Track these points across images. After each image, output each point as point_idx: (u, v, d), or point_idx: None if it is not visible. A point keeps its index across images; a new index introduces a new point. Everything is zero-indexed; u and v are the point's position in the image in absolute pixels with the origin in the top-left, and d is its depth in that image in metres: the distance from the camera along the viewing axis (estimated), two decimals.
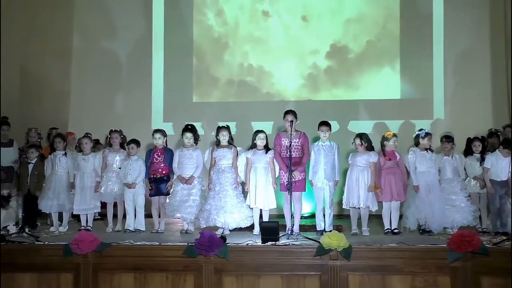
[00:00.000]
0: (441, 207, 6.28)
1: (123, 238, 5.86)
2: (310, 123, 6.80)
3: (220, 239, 5.32)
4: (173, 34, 9.54)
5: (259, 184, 6.34)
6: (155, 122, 9.28)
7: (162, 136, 6.72)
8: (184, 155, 6.56)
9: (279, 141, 6.43)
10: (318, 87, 9.07)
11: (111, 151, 6.86)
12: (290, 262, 5.31)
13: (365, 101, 9.13)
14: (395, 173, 6.38)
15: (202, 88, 9.33)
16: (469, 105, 8.87)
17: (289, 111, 6.41)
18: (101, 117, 9.21)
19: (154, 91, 9.52)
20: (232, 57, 9.22)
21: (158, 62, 9.56)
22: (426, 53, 9.04)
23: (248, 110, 9.15)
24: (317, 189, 6.45)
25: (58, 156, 6.82)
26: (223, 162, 6.45)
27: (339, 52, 9.06)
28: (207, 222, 6.28)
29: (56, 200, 6.68)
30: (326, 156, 6.39)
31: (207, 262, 5.32)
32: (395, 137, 6.48)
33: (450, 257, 5.12)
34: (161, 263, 5.37)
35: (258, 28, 9.21)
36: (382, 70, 9.09)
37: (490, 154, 6.56)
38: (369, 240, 5.80)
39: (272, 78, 9.13)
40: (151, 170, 6.64)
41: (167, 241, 5.81)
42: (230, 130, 6.61)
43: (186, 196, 6.43)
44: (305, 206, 6.85)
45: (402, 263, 5.22)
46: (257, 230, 6.26)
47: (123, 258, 5.43)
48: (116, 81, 9.58)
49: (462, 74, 9.00)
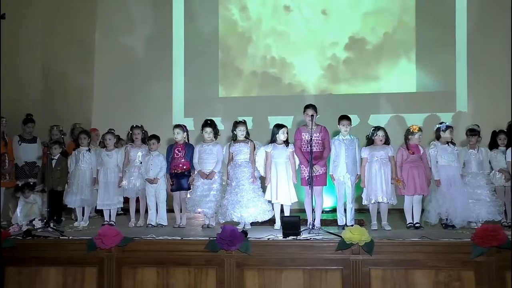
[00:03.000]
0: (464, 201, 6.19)
1: (146, 233, 5.90)
2: (330, 117, 6.77)
3: (241, 233, 5.33)
4: (194, 29, 9.62)
5: (280, 179, 6.33)
6: (176, 117, 9.37)
7: (182, 131, 6.75)
8: (204, 150, 6.58)
9: (300, 135, 6.41)
10: (337, 77, 9.29)
11: (133, 147, 6.93)
12: (311, 256, 5.30)
13: (386, 94, 9.11)
14: (418, 167, 6.30)
15: (227, 80, 9.58)
16: (494, 97, 8.69)
17: (310, 106, 6.38)
18: (123, 112, 9.29)
19: (175, 87, 9.61)
20: (255, 50, 9.50)
21: (178, 58, 9.64)
22: (447, 45, 8.95)
23: (269, 105, 9.22)
24: (338, 183, 6.41)
25: (82, 152, 6.90)
26: (240, 157, 6.45)
27: (357, 44, 9.25)
28: (225, 217, 6.30)
29: (79, 195, 6.77)
30: (347, 150, 6.35)
31: (229, 257, 5.33)
32: (420, 131, 6.38)
33: (474, 252, 5.05)
34: (183, 258, 5.41)
35: (280, 22, 9.47)
36: (400, 62, 9.14)
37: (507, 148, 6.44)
38: (391, 235, 5.76)
39: (293, 69, 9.38)
40: (172, 165, 6.68)
41: (189, 235, 5.82)
42: (247, 125, 6.61)
43: (207, 191, 6.46)
44: (326, 200, 6.83)
45: (425, 258, 5.17)
46: (279, 224, 6.26)
47: (146, 253, 5.49)
48: (137, 76, 9.65)
49: (486, 66, 8.83)
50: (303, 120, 6.61)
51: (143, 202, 6.87)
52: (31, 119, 7.56)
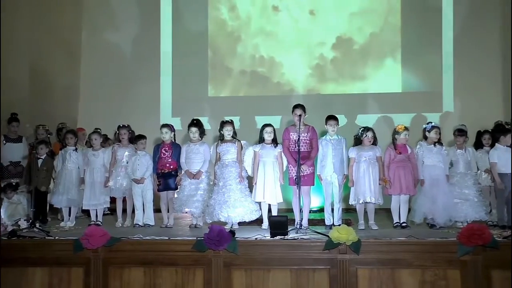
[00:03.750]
0: (447, 201, 6.24)
1: (133, 233, 5.88)
2: (319, 117, 6.80)
3: (229, 233, 5.33)
4: (182, 28, 9.66)
5: (268, 179, 6.35)
6: (164, 116, 9.37)
7: (170, 131, 6.74)
8: (191, 150, 6.58)
9: (288, 135, 6.43)
10: (325, 77, 9.44)
11: (120, 146, 6.90)
12: (299, 256, 5.32)
13: (373, 94, 9.21)
14: (405, 166, 6.35)
15: (216, 79, 9.66)
16: (479, 97, 8.81)
17: (298, 105, 6.41)
18: (110, 112, 9.27)
19: (162, 86, 9.61)
20: (244, 49, 9.63)
21: (166, 57, 9.63)
22: (433, 46, 9.09)
23: (257, 105, 9.30)
24: (325, 183, 6.44)
25: (69, 152, 6.86)
26: (227, 157, 6.47)
27: (344, 44, 9.40)
28: (212, 217, 6.31)
29: (66, 195, 6.73)
30: (335, 150, 6.38)
31: (216, 257, 5.34)
32: (406, 130, 6.43)
33: (460, 251, 5.10)
34: (171, 258, 5.40)
35: (269, 22, 9.59)
36: (386, 62, 9.28)
37: (493, 148, 6.52)
38: (378, 234, 5.79)
39: (282, 68, 9.53)
40: (159, 165, 6.67)
41: (176, 235, 5.82)
42: (234, 124, 6.62)
43: (194, 191, 6.46)
44: (313, 200, 6.85)
45: (411, 257, 5.21)
46: (266, 224, 6.28)
47: (133, 253, 5.47)
48: (124, 75, 9.62)
49: (472, 67, 8.94)
50: (291, 120, 6.64)
51: (130, 202, 6.85)
52: (15, 118, 7.48)
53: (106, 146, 7.29)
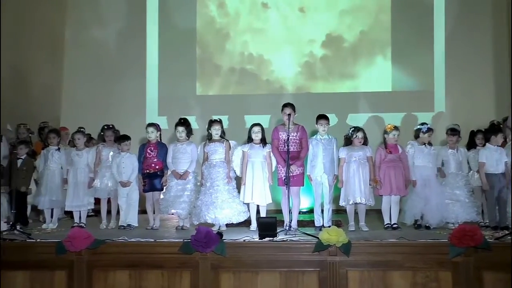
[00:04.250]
0: (439, 202, 6.31)
1: (118, 235, 5.86)
2: (309, 117, 6.83)
3: (216, 235, 5.33)
4: (169, 24, 9.66)
5: (257, 179, 6.37)
6: (150, 115, 9.36)
7: (155, 130, 6.73)
8: (178, 149, 6.58)
9: (277, 135, 6.45)
10: (314, 74, 9.52)
11: (105, 146, 6.88)
12: (288, 258, 5.33)
13: (364, 93, 9.26)
14: (395, 167, 6.40)
15: (205, 77, 9.69)
16: (471, 97, 8.90)
17: (287, 104, 6.42)
18: (94, 110, 9.23)
19: (148, 84, 9.59)
20: (233, 46, 9.67)
21: (152, 54, 9.61)
22: (424, 45, 9.17)
23: (246, 103, 9.33)
24: (315, 184, 6.47)
25: (51, 152, 6.83)
26: (215, 157, 6.47)
27: (334, 42, 9.49)
28: (199, 218, 6.31)
29: (48, 196, 6.69)
30: (325, 150, 6.41)
31: (203, 259, 5.33)
32: (395, 130, 6.47)
33: (451, 252, 5.15)
34: (157, 260, 5.39)
35: (258, 19, 9.63)
36: (376, 60, 9.36)
37: (482, 148, 6.59)
38: (368, 236, 5.82)
39: (271, 66, 9.58)
40: (144, 165, 6.65)
41: (162, 237, 5.80)
42: (222, 124, 6.63)
43: (181, 192, 6.46)
44: (303, 201, 6.88)
45: (402, 259, 5.24)
46: (255, 226, 6.29)
47: (118, 255, 5.44)
48: (109, 73, 9.59)
49: (464, 66, 9.03)
50: (280, 119, 6.66)
51: (114, 203, 6.83)
52: None
53: (90, 145, 7.26)
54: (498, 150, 6.43)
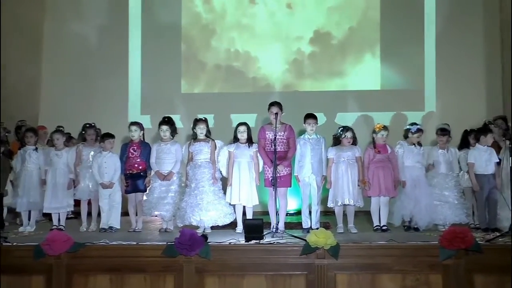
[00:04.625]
0: (429, 203, 6.35)
1: (98, 237, 5.81)
2: (296, 115, 6.82)
3: (201, 238, 5.31)
4: (153, 19, 9.59)
5: (243, 180, 6.37)
6: (132, 114, 9.28)
7: (139, 129, 6.69)
8: (162, 149, 6.55)
9: (264, 134, 6.44)
10: (302, 72, 9.53)
11: (86, 146, 6.82)
12: (275, 261, 5.32)
13: (353, 92, 9.27)
14: (384, 167, 6.42)
15: (190, 74, 9.65)
16: (462, 97, 8.97)
17: (274, 103, 6.42)
18: (74, 109, 9.14)
19: (130, 82, 9.52)
20: (219, 43, 9.64)
21: (135, 50, 9.53)
22: (414, 43, 9.21)
23: (232, 102, 9.31)
24: (303, 185, 6.47)
25: (29, 151, 6.75)
26: (200, 157, 6.45)
27: (322, 39, 9.49)
28: (183, 220, 6.29)
29: (26, 198, 6.61)
30: (313, 149, 6.41)
31: (188, 262, 5.30)
32: (384, 130, 6.49)
33: (442, 255, 5.17)
34: (139, 264, 5.35)
35: (245, 15, 9.60)
36: (365, 58, 9.38)
37: (471, 148, 6.62)
38: (357, 238, 5.84)
39: (258, 63, 9.57)
40: (127, 165, 6.61)
41: (145, 240, 5.78)
42: (207, 123, 6.61)
43: (165, 193, 6.44)
44: (290, 202, 6.88)
45: (392, 261, 5.26)
46: (241, 228, 6.29)
47: (99, 259, 5.40)
48: (90, 69, 9.48)
49: (455, 64, 9.09)
50: (267, 118, 6.65)
51: (95, 205, 6.78)
52: None
53: (70, 145, 7.18)
54: (487, 151, 6.47)
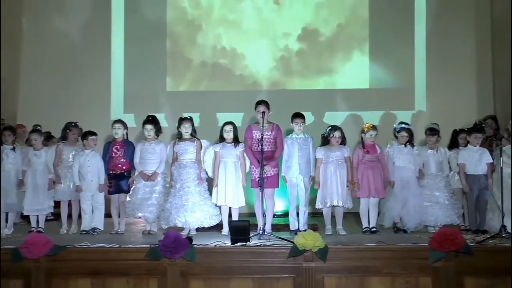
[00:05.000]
0: (418, 204, 6.38)
1: (79, 240, 5.77)
2: (284, 114, 6.83)
3: (186, 240, 5.30)
4: (137, 15, 9.54)
5: (229, 180, 6.36)
6: (115, 112, 9.20)
7: (123, 127, 6.66)
8: (146, 149, 6.52)
9: (250, 133, 6.44)
10: (290, 69, 9.54)
11: (66, 145, 6.76)
12: (262, 264, 5.32)
13: (341, 90, 9.30)
14: (374, 167, 6.45)
15: (175, 71, 9.62)
16: (453, 96, 9.03)
17: (261, 102, 6.42)
18: (54, 107, 9.06)
19: (113, 79, 9.45)
20: (205, 39, 9.62)
21: (118, 46, 9.47)
22: (404, 41, 9.27)
23: (218, 100, 9.29)
24: (290, 185, 6.48)
25: (6, 151, 6.68)
26: (185, 157, 6.43)
27: (310, 36, 9.51)
28: (168, 222, 6.28)
29: (3, 199, 6.54)
30: (301, 149, 6.42)
31: (172, 265, 5.29)
32: (372, 130, 6.51)
33: (432, 257, 5.21)
34: (122, 267, 5.33)
35: (231, 11, 9.59)
36: (354, 56, 9.41)
37: (462, 149, 6.67)
38: (346, 240, 5.87)
39: (244, 60, 9.57)
40: (110, 165, 6.57)
41: (128, 242, 5.76)
42: (193, 121, 6.59)
43: (148, 194, 6.42)
44: (277, 203, 6.88)
45: (381, 264, 5.29)
46: (226, 230, 6.28)
47: (80, 262, 5.37)
48: (71, 66, 9.40)
49: (446, 63, 9.15)
50: (254, 117, 6.65)
51: (75, 206, 6.73)
52: None
53: (50, 144, 7.12)
54: (478, 151, 6.52)
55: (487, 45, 9.12)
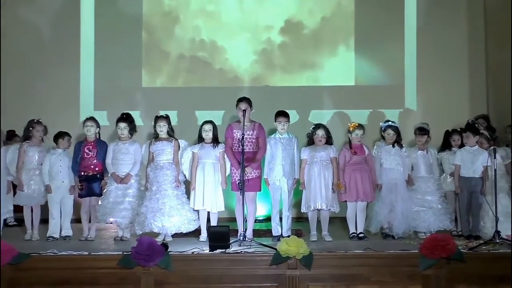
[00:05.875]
0: (406, 209, 6.42)
1: (45, 247, 5.73)
2: (267, 113, 6.83)
3: (161, 246, 5.29)
4: (109, 5, 9.41)
5: (207, 183, 6.36)
6: (84, 110, 9.12)
7: (95, 125, 6.63)
8: (119, 149, 6.50)
9: (231, 133, 6.43)
10: (272, 63, 9.54)
11: (31, 145, 6.66)
12: (242, 272, 5.32)
13: (327, 87, 9.33)
14: (362, 169, 6.48)
15: (151, 65, 9.57)
16: (445, 94, 9.10)
17: (243, 99, 6.42)
18: (17, 103, 8.93)
19: (82, 74, 9.35)
20: (183, 31, 9.58)
21: (87, 39, 9.37)
22: (394, 35, 9.30)
23: (197, 97, 9.26)
24: (273, 188, 6.48)
25: None
26: (161, 158, 6.42)
27: (294, 28, 9.52)
28: (143, 227, 6.27)
29: None
30: (285, 150, 6.43)
31: (146, 274, 5.27)
32: (358, 129, 6.54)
33: (422, 264, 5.24)
34: (92, 276, 5.30)
35: (211, 2, 9.57)
36: (340, 51, 9.44)
37: (457, 149, 6.72)
38: (332, 246, 5.89)
39: (225, 53, 9.55)
40: (82, 166, 6.54)
41: (98, 249, 5.75)
42: (169, 120, 6.58)
43: (121, 198, 6.39)
44: (259, 208, 6.88)
45: (369, 272, 5.31)
46: (205, 236, 6.28)
47: (46, 271, 5.32)
48: (37, 60, 9.27)
49: (438, 59, 9.21)
50: (235, 115, 6.64)
51: (37, 211, 6.65)
52: None
53: (13, 143, 7.02)
54: (474, 152, 6.55)
55: (480, 41, 9.21)
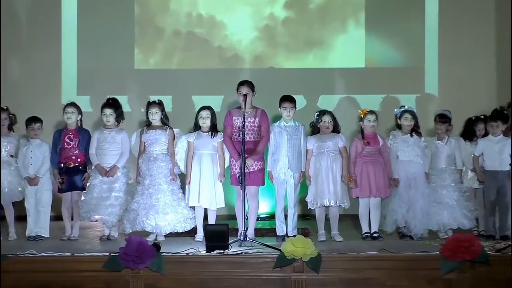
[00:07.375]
0: (426, 206, 6.42)
1: (24, 248, 5.76)
2: (271, 98, 6.82)
3: (152, 247, 5.30)
4: None
5: (205, 176, 6.37)
6: (66, 94, 9.10)
7: (76, 111, 6.63)
8: (104, 138, 6.51)
9: (231, 120, 6.43)
10: (275, 40, 9.53)
11: None
12: (243, 276, 5.34)
13: (340, 70, 9.28)
14: (375, 162, 6.47)
15: (144, 43, 9.54)
16: (470, 79, 9.04)
17: (244, 82, 6.42)
18: None
19: (64, 54, 9.30)
20: (179, 5, 9.56)
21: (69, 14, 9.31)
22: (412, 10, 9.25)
23: (193, 80, 9.22)
24: (277, 183, 6.48)
25: None
26: (155, 148, 6.43)
27: (299, 2, 9.52)
28: (134, 225, 6.28)
29: None
30: (290, 140, 6.42)
31: (135, 277, 5.29)
32: (370, 114, 6.53)
33: (443, 268, 5.25)
34: (75, 280, 5.32)
35: None
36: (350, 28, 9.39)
37: (481, 139, 6.70)
38: (342, 247, 5.90)
39: (224, 29, 9.54)
40: (62, 157, 6.55)
41: (82, 250, 5.76)
42: (163, 106, 6.57)
43: (107, 192, 6.40)
44: (262, 204, 6.90)
45: (384, 276, 5.32)
46: (201, 235, 6.31)
47: (24, 274, 5.35)
48: (11, 40, 9.23)
49: (463, 39, 9.16)
50: (236, 101, 6.62)
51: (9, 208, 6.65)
52: None
53: None
54: (501, 141, 6.52)
55: (508, 20, 9.15)
